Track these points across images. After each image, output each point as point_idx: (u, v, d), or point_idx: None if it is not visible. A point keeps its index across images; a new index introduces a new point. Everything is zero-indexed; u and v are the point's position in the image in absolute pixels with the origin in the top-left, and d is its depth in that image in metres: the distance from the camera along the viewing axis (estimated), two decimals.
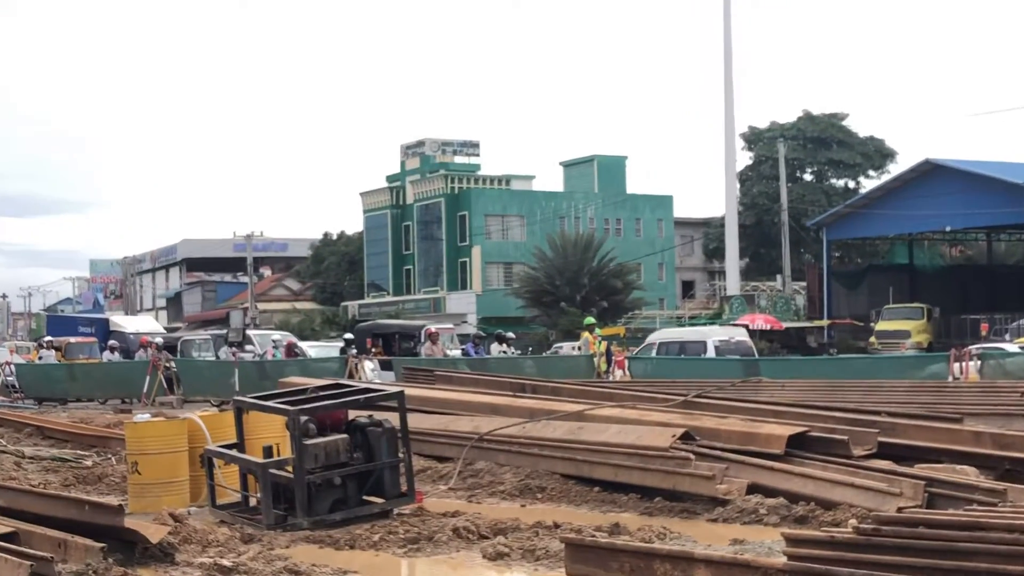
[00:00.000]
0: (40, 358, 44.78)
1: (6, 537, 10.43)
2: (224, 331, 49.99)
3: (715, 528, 12.17)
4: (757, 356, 35.83)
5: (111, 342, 45.72)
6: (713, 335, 37.95)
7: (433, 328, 38.88)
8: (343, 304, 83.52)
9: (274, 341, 45.13)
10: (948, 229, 64.55)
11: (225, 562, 10.48)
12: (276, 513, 12.32)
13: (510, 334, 43.53)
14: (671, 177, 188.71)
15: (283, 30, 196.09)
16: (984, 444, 13.85)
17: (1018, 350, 34.18)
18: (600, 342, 35.34)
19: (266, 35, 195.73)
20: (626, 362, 32.74)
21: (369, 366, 32.35)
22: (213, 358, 41.70)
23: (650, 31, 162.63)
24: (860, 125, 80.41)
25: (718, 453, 14.02)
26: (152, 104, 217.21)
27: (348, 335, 40.88)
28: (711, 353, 34.89)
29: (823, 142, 76.22)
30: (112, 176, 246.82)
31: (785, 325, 56.05)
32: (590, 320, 38.40)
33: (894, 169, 72.09)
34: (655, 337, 40.32)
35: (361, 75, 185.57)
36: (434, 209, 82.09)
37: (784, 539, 7.55)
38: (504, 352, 38.08)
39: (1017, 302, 57.15)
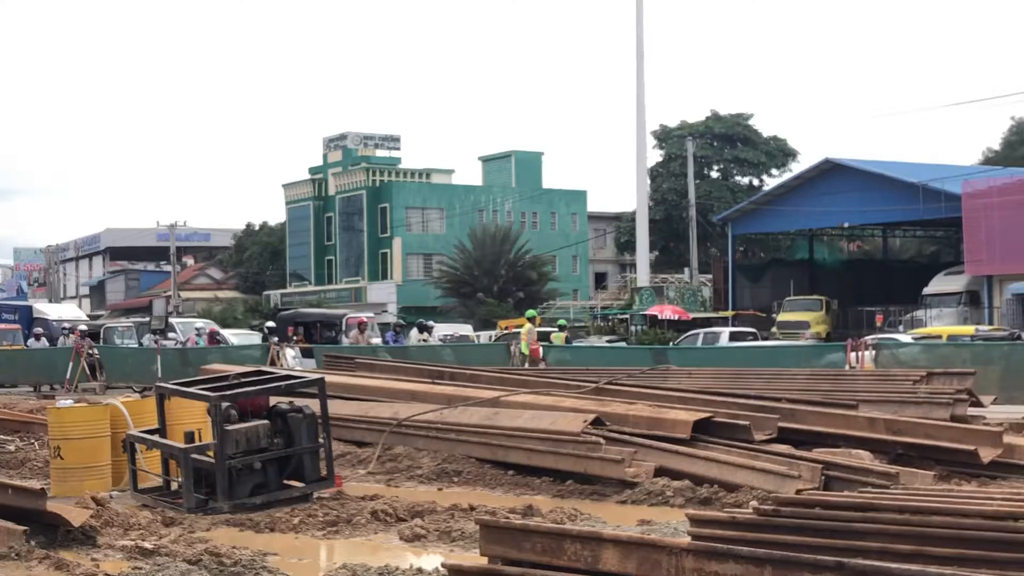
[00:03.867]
0: None
1: None
2: (147, 319, 49.41)
3: (624, 510, 12.27)
4: None
5: (36, 329, 44.95)
6: None
7: (364, 317, 38.85)
8: (265, 293, 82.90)
9: (197, 329, 44.73)
10: (846, 225, 65.43)
11: (147, 544, 10.39)
12: (197, 497, 12.23)
13: (431, 323, 43.69)
14: (585, 173, 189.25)
15: (207, 21, 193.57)
16: (878, 430, 14.08)
17: (911, 341, 34.82)
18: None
19: (190, 26, 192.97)
20: (540, 349, 32.87)
21: (291, 354, 32.15)
22: (136, 345, 41.23)
23: (566, 30, 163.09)
24: (764, 125, 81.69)
25: (627, 438, 14.12)
26: (77, 93, 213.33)
27: (270, 323, 40.67)
28: None
29: (729, 141, 76.92)
30: (36, 164, 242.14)
31: (692, 315, 56.52)
32: (532, 313, 38.68)
33: (796, 167, 72.98)
34: None
35: (284, 68, 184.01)
36: (356, 201, 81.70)
37: (689, 520, 7.60)
38: (424, 341, 38.22)
39: (910, 295, 58.10)
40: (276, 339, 34.73)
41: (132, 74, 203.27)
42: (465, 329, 53.51)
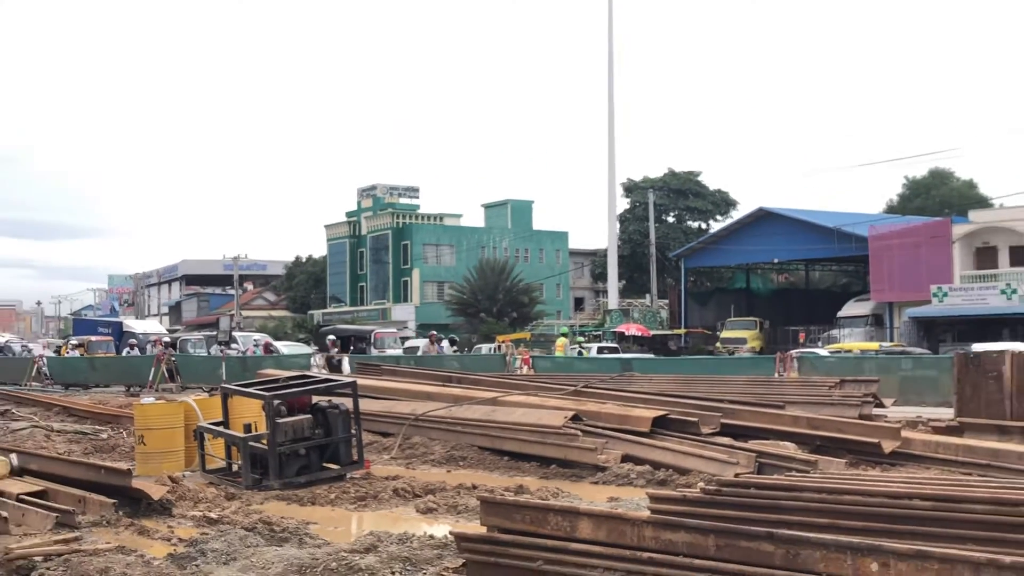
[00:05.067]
0: (68, 353, 43.89)
1: (37, 494, 10.25)
2: (215, 333, 49.33)
3: (596, 489, 12.25)
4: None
5: (131, 340, 44.94)
6: None
7: (435, 333, 38.23)
8: (310, 312, 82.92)
9: (255, 341, 44.69)
10: (776, 261, 65.55)
11: (212, 515, 10.39)
12: (253, 476, 12.21)
13: (453, 336, 43.60)
14: (567, 217, 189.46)
15: (265, 90, 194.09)
16: (801, 425, 14.05)
17: (827, 354, 34.80)
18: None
19: (250, 93, 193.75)
20: (531, 360, 32.83)
21: (345, 361, 32.14)
22: (205, 354, 41.14)
23: (555, 103, 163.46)
24: (710, 180, 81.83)
25: (599, 431, 14.10)
26: (159, 149, 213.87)
27: (331, 336, 39.66)
28: None
29: (682, 193, 76.97)
30: (127, 207, 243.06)
31: (652, 332, 56.49)
32: (564, 330, 38.73)
33: (736, 214, 72.99)
34: None
35: (328, 133, 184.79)
36: (383, 239, 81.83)
37: (648, 497, 7.59)
38: (455, 351, 38.10)
39: (827, 317, 58.11)
40: (334, 350, 34.79)
41: (205, 137, 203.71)
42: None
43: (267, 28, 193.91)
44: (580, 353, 37.31)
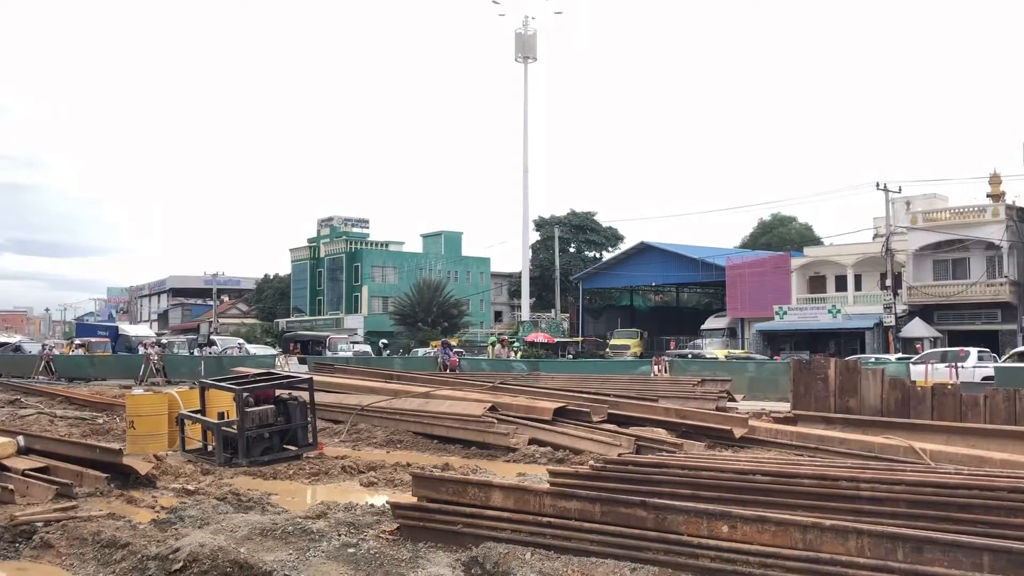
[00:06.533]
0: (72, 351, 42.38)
1: (41, 470, 9.89)
2: (196, 336, 48.13)
3: (508, 466, 12.21)
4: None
5: (127, 343, 43.64)
6: None
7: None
8: (276, 320, 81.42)
9: (239, 344, 43.87)
10: (654, 284, 66.50)
11: (190, 487, 10.12)
12: (225, 456, 11.92)
13: (384, 340, 43.08)
14: (490, 245, 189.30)
15: (241, 136, 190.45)
16: (671, 415, 14.19)
17: (692, 359, 35.40)
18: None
19: (228, 137, 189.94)
20: (457, 360, 32.72)
21: (293, 361, 31.69)
22: (187, 354, 40.12)
23: (484, 153, 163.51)
24: (603, 218, 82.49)
25: (511, 419, 14.09)
26: (151, 182, 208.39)
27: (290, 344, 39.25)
28: None
29: (582, 228, 77.62)
30: (124, 231, 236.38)
31: (556, 340, 56.72)
32: (493, 339, 38.56)
33: (623, 246, 73.89)
34: None
35: (293, 171, 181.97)
36: (338, 261, 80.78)
37: (548, 473, 7.61)
38: (388, 353, 37.66)
39: (693, 329, 59.10)
40: (282, 351, 34.14)
41: (191, 171, 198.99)
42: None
43: (242, 76, 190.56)
44: (515, 353, 37.40)
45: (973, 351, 29.22)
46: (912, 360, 28.16)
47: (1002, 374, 22.63)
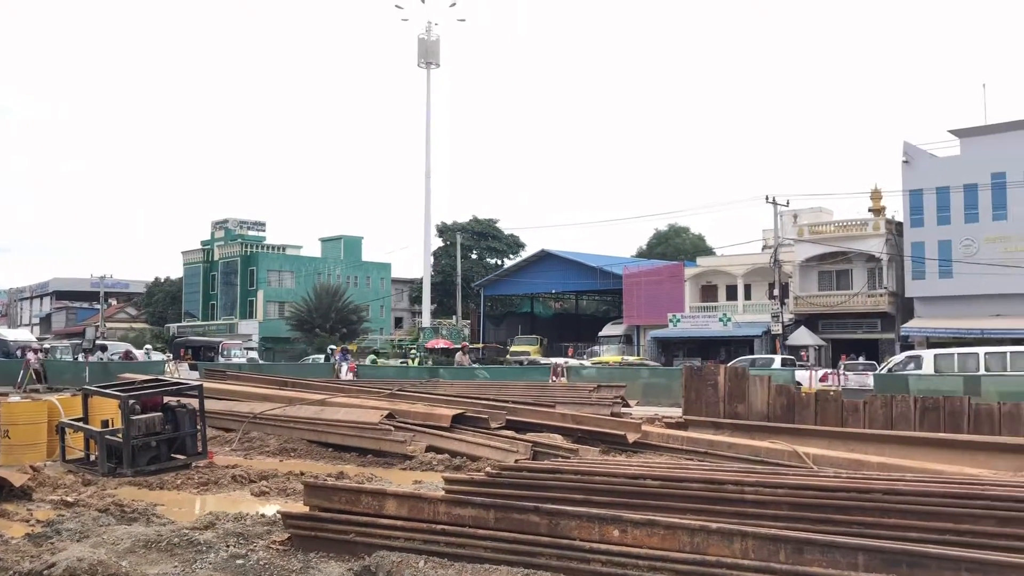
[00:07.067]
0: None
1: None
2: (80, 341, 45.92)
3: (405, 474, 12.11)
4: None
5: (6, 347, 41.22)
6: None
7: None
8: (167, 325, 78.57)
9: (128, 349, 42.15)
10: (554, 291, 67.26)
11: (69, 499, 9.63)
12: (109, 465, 11.44)
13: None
14: (390, 250, 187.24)
15: (129, 130, 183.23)
16: (567, 421, 14.35)
17: (589, 366, 35.89)
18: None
19: (116, 131, 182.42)
20: (355, 367, 32.28)
21: (184, 368, 30.67)
22: (71, 359, 38.28)
23: (385, 155, 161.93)
24: (505, 225, 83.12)
25: (409, 426, 13.98)
26: (30, 175, 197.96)
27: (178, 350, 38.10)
28: None
29: (483, 235, 77.80)
30: (2, 229, 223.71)
31: (456, 346, 56.56)
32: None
33: (524, 254, 74.44)
34: None
35: (186, 169, 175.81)
36: (233, 265, 78.64)
37: (444, 480, 7.57)
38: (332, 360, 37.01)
39: (591, 336, 60.03)
40: (173, 357, 32.96)
41: (74, 165, 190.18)
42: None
43: (133, 68, 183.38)
44: (412, 360, 37.58)
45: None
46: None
47: (880, 381, 23.78)
